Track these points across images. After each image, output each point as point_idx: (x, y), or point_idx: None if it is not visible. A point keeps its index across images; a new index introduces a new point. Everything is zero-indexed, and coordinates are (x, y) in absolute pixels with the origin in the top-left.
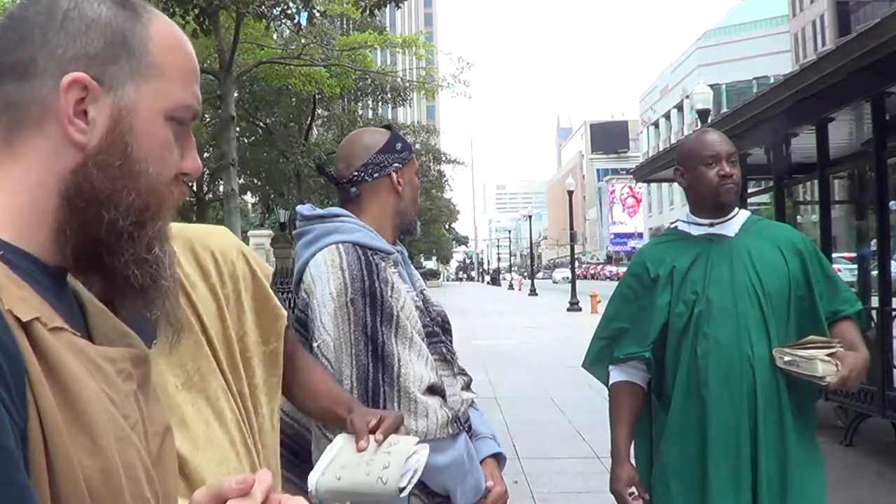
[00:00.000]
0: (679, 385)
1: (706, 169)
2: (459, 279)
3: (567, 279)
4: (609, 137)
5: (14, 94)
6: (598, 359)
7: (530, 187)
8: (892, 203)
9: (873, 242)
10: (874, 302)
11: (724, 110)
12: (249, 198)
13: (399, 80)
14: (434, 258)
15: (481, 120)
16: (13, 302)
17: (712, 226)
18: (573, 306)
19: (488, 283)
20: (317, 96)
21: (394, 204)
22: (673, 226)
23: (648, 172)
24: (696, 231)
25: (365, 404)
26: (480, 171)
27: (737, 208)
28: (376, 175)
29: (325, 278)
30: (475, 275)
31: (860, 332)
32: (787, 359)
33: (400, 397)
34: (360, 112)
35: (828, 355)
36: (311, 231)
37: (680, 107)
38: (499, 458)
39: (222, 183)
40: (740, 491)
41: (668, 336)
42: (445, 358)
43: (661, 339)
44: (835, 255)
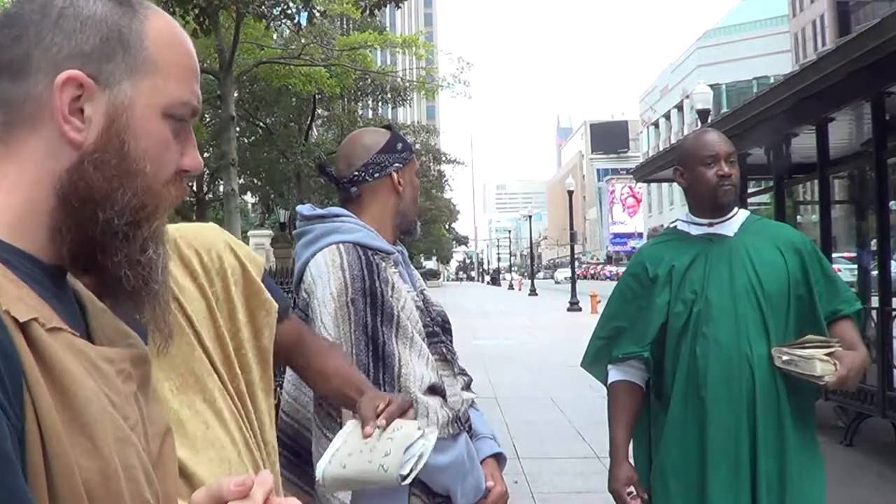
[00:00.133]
0: (678, 385)
1: (705, 169)
2: (459, 279)
3: (569, 279)
4: (609, 137)
5: (9, 92)
6: (597, 358)
7: (530, 187)
8: (892, 203)
9: (873, 242)
10: (874, 302)
11: (724, 110)
12: (249, 198)
13: (399, 80)
14: (434, 258)
15: (481, 120)
16: (10, 302)
17: (711, 226)
18: (573, 306)
19: (488, 284)
20: (317, 96)
21: (394, 204)
22: (672, 225)
23: (648, 172)
24: (695, 231)
25: None
26: (480, 171)
27: (736, 208)
28: (377, 175)
29: (325, 278)
30: (475, 275)
31: (859, 332)
32: (785, 358)
33: None
34: (360, 112)
35: (826, 355)
36: (312, 231)
37: (680, 107)
38: (499, 458)
39: (222, 183)
40: (739, 491)
41: (667, 336)
42: (446, 358)
43: (660, 338)
44: (835, 255)
